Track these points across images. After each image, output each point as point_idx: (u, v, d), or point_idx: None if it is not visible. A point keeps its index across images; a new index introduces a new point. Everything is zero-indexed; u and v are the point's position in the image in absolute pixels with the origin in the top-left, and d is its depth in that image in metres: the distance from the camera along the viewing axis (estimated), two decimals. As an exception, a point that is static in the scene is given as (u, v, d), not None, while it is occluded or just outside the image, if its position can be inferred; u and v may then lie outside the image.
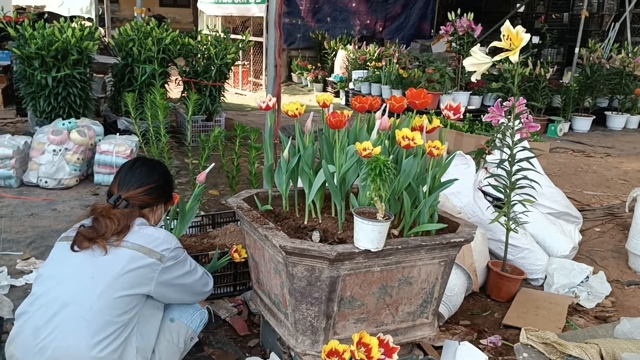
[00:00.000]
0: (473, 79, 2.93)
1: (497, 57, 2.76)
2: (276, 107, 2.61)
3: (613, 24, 11.76)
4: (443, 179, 2.37)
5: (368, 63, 9.68)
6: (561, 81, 8.95)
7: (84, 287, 1.85)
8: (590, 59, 8.37)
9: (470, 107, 7.99)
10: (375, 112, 2.55)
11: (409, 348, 2.47)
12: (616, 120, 8.70)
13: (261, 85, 11.78)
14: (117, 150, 4.75)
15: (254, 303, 2.64)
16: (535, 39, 10.24)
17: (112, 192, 2.13)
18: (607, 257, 3.96)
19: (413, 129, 2.34)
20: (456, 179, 2.38)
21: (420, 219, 2.27)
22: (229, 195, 4.58)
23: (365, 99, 2.44)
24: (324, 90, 10.97)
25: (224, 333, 2.74)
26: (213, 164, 2.84)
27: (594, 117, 8.53)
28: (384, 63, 9.11)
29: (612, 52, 8.62)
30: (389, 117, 2.44)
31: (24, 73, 5.35)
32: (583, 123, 8.41)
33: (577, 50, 8.98)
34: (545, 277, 3.51)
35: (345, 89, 9.89)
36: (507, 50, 2.75)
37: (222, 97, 6.71)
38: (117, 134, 5.11)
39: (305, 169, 2.41)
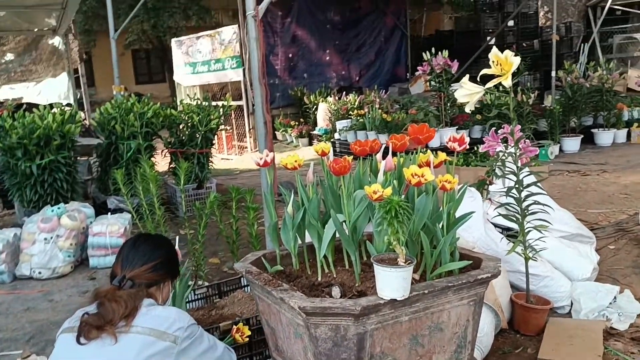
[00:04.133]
0: (467, 109, 2.87)
1: (490, 84, 2.70)
2: (273, 163, 2.51)
3: (583, 44, 12.04)
4: (457, 214, 2.26)
5: (350, 112, 9.71)
6: (543, 105, 9.00)
7: (96, 382, 1.68)
8: (569, 79, 8.45)
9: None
10: (375, 155, 2.47)
11: (449, 400, 2.29)
12: (604, 137, 8.71)
13: (246, 147, 11.76)
14: (111, 230, 4.60)
15: (275, 373, 2.46)
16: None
17: (116, 273, 1.98)
18: (628, 274, 3.82)
19: (419, 166, 2.24)
20: (473, 212, 2.27)
21: (441, 258, 2.15)
22: (231, 262, 4.42)
23: (365, 142, 2.36)
24: (310, 144, 10.97)
25: (246, 410, 2.54)
26: (177, 237, 2.78)
27: (582, 136, 8.55)
28: (366, 110, 9.14)
29: (589, 70, 8.71)
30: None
31: (7, 165, 5.24)
32: (572, 143, 8.41)
33: (553, 73, 9.09)
34: (572, 303, 3.36)
35: (332, 140, 9.87)
36: (498, 76, 2.72)
37: (210, 163, 6.63)
38: (109, 213, 4.97)
39: (313, 222, 2.29)
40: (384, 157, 2.34)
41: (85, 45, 17.48)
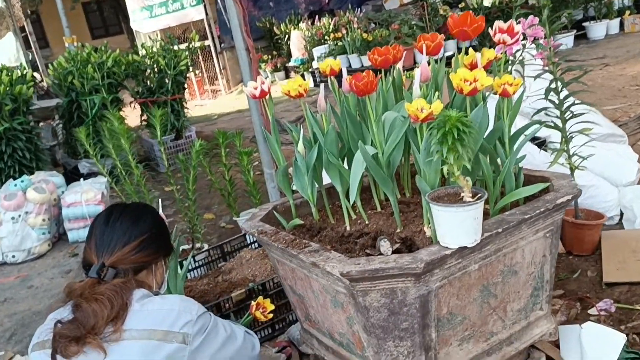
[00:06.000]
0: (486, 1, 2.35)
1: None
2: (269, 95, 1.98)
3: None
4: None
5: (326, 37, 9.04)
6: (531, 3, 8.41)
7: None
8: (556, -29, 7.85)
9: (447, 54, 7.43)
10: (397, 65, 1.96)
11: (525, 354, 1.89)
12: (597, 29, 8.21)
13: (219, 90, 11.10)
14: (86, 198, 4.06)
15: (308, 346, 2.04)
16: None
17: (90, 261, 1.47)
18: (671, 171, 3.42)
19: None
20: (538, 121, 1.79)
21: (506, 184, 1.69)
22: (228, 216, 3.96)
23: (385, 49, 1.83)
24: (287, 77, 10.32)
25: (278, 391, 2.14)
26: (159, 200, 2.33)
27: (575, 31, 8.03)
28: (343, 32, 8.48)
29: (574, -41, 8.11)
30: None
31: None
32: (566, 40, 7.90)
33: (537, -34, 8.41)
34: (621, 212, 2.96)
35: (310, 69, 9.22)
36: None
37: (185, 111, 6.04)
38: (82, 179, 4.42)
39: (333, 160, 1.81)
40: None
41: (31, 3, 16.26)
